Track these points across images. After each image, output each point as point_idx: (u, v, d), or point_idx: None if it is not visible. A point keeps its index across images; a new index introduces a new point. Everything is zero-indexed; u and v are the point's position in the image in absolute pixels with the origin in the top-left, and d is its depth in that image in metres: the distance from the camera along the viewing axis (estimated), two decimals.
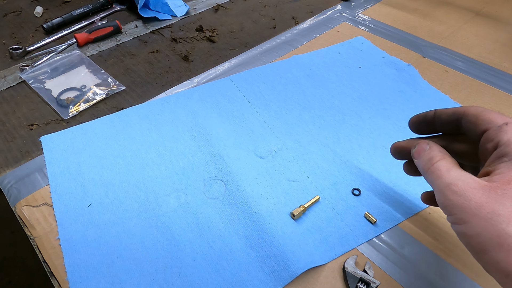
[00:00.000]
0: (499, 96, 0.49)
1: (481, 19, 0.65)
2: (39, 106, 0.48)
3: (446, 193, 0.25)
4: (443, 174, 0.26)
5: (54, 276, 0.32)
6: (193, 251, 0.33)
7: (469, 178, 0.25)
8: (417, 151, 0.30)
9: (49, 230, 0.35)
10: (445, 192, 0.25)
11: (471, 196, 0.24)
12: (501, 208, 0.22)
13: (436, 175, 0.26)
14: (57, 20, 0.61)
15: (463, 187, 0.24)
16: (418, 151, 0.30)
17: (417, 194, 0.37)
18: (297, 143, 0.43)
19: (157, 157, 0.41)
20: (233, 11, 0.69)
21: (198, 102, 0.48)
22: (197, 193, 0.38)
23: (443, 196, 0.25)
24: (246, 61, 0.56)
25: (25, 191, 0.38)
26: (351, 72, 0.53)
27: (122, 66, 0.55)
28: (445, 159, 0.27)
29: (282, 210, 0.36)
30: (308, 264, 0.32)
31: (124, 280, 0.31)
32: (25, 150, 0.42)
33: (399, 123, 0.45)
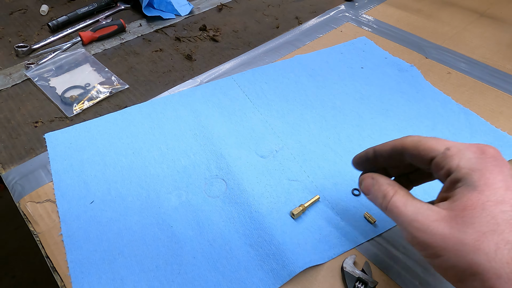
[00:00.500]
0: (502, 98, 0.49)
1: (486, 20, 0.65)
2: (43, 104, 0.49)
3: (410, 230, 0.25)
4: (401, 211, 0.26)
5: (56, 271, 0.32)
6: (193, 249, 0.33)
7: (428, 210, 0.25)
8: (366, 187, 0.30)
9: (52, 226, 0.35)
10: (409, 230, 0.25)
11: (434, 230, 0.24)
12: (465, 237, 0.23)
13: (396, 213, 0.26)
14: (62, 19, 0.62)
15: (425, 221, 0.24)
16: (366, 187, 0.29)
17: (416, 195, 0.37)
18: (298, 143, 0.43)
19: (159, 155, 0.41)
20: (236, 11, 0.69)
21: (201, 101, 0.48)
22: (198, 192, 0.38)
23: (409, 235, 0.25)
24: (249, 60, 0.56)
25: (29, 188, 0.38)
26: (354, 72, 0.53)
27: (126, 65, 0.56)
28: (397, 193, 0.27)
29: (282, 209, 0.36)
30: (307, 263, 0.32)
31: (125, 276, 0.32)
32: (30, 147, 0.43)
33: (400, 124, 0.45)
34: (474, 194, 0.23)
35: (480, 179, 0.24)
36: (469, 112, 0.47)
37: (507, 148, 0.42)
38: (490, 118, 0.46)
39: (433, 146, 0.26)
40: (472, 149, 0.25)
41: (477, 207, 0.23)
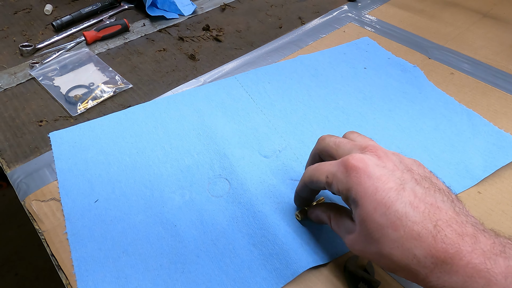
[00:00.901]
0: (505, 99, 0.49)
1: (489, 20, 0.65)
2: (48, 103, 0.49)
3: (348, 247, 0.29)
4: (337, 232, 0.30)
5: (61, 269, 0.32)
6: (197, 248, 0.34)
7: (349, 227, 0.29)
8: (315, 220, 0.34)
9: (57, 225, 0.35)
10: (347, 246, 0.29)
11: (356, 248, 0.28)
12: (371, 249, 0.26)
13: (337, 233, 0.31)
14: (66, 18, 0.62)
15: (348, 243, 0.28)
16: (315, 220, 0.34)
17: None
18: (301, 143, 0.43)
19: (163, 154, 0.42)
20: (239, 11, 0.69)
21: (204, 100, 0.48)
22: (202, 191, 0.38)
23: None
24: (252, 60, 0.56)
25: (34, 186, 0.39)
26: (356, 72, 0.53)
27: (129, 64, 0.56)
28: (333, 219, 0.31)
29: (285, 209, 0.36)
30: (310, 263, 0.32)
31: (129, 275, 0.32)
32: (34, 146, 0.43)
33: (403, 125, 0.45)
34: (359, 209, 0.26)
35: (356, 195, 0.26)
36: (472, 112, 0.47)
37: (510, 149, 0.42)
38: (493, 119, 0.46)
39: (318, 178, 0.29)
40: (340, 168, 0.28)
41: (366, 219, 0.26)
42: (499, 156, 0.41)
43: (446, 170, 0.40)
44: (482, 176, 0.39)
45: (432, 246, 0.23)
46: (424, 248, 0.23)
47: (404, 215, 0.24)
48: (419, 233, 0.23)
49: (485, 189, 0.39)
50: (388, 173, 0.26)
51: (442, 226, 0.23)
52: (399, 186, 0.25)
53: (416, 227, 0.24)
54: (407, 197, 0.25)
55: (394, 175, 0.26)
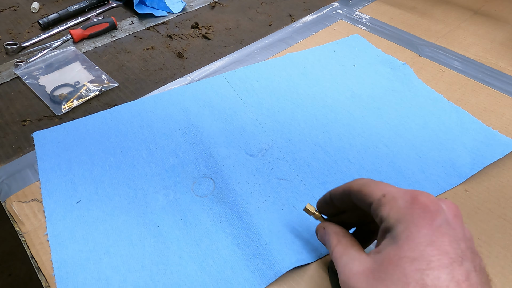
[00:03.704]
0: (494, 96, 0.49)
1: (479, 17, 0.65)
2: (32, 102, 0.48)
3: (340, 280, 0.25)
4: (337, 262, 0.26)
5: (41, 271, 0.32)
6: (180, 249, 0.33)
7: (357, 260, 0.24)
8: (320, 238, 0.30)
9: (37, 226, 0.35)
10: (340, 279, 0.25)
11: (352, 284, 0.23)
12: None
13: (335, 263, 0.26)
14: (53, 16, 0.61)
15: (348, 274, 0.24)
16: (321, 238, 0.30)
17: None
18: (288, 142, 0.43)
19: (148, 154, 0.41)
20: (229, 8, 0.68)
21: (191, 99, 0.48)
22: (186, 191, 0.38)
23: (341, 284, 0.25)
24: (241, 58, 0.56)
25: (15, 187, 0.38)
26: (346, 70, 0.53)
27: (116, 63, 0.55)
28: (339, 244, 0.27)
29: (270, 209, 0.36)
30: (293, 263, 0.32)
31: (110, 276, 0.31)
32: (17, 146, 0.43)
33: (391, 123, 0.45)
34: (394, 247, 0.22)
35: (403, 232, 0.22)
36: (461, 110, 0.46)
37: (498, 147, 0.41)
38: (481, 116, 0.46)
39: (372, 192, 0.26)
40: (405, 197, 0.24)
41: (393, 262, 0.22)
42: (487, 154, 0.41)
43: (434, 168, 0.40)
44: (469, 174, 0.39)
45: None
46: None
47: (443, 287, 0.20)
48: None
49: (472, 187, 0.38)
50: (454, 237, 0.22)
51: None
52: (457, 258, 0.21)
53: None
54: (459, 273, 0.21)
55: (458, 244, 0.22)
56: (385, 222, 0.24)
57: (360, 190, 0.26)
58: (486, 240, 0.34)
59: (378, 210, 0.25)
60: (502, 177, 0.39)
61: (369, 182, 0.27)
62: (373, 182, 0.27)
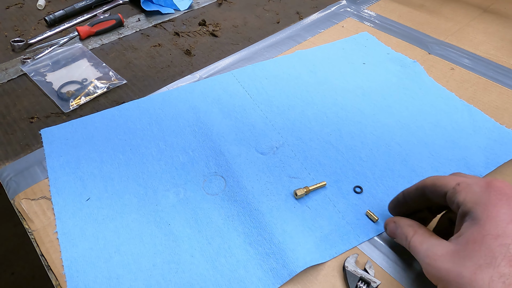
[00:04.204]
0: (506, 94, 0.48)
1: (489, 15, 0.64)
2: (39, 99, 0.48)
3: (424, 266, 0.26)
4: (418, 250, 0.28)
5: (51, 269, 0.31)
6: (191, 247, 0.33)
7: (439, 245, 0.26)
8: (390, 231, 0.31)
9: (47, 224, 0.34)
10: (423, 266, 0.27)
11: (440, 265, 0.25)
12: (463, 270, 0.24)
13: (414, 252, 0.28)
14: (59, 13, 0.61)
15: (433, 257, 0.26)
16: (391, 231, 0.31)
17: None
18: (299, 140, 0.42)
19: (157, 152, 0.41)
20: (236, 5, 0.68)
21: (200, 97, 0.47)
22: (197, 189, 0.37)
23: (424, 270, 0.26)
24: (249, 56, 0.55)
25: (24, 184, 0.38)
26: (355, 68, 0.52)
27: (123, 60, 0.55)
28: (417, 233, 0.29)
29: (282, 207, 0.35)
30: (307, 263, 0.31)
31: (121, 275, 0.31)
32: (25, 143, 0.42)
33: (403, 121, 0.44)
34: (476, 228, 0.24)
35: (483, 213, 0.24)
36: (473, 108, 0.46)
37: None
38: (494, 115, 0.45)
39: (446, 182, 0.28)
40: (480, 183, 0.26)
41: (477, 240, 0.24)
42: (501, 153, 0.40)
43: (447, 167, 0.39)
44: (484, 173, 0.38)
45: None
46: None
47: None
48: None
49: None
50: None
51: None
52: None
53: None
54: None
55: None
56: (462, 206, 0.26)
57: (434, 183, 0.29)
58: None
59: (454, 197, 0.27)
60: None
61: (441, 176, 0.29)
62: (445, 176, 0.29)
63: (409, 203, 0.32)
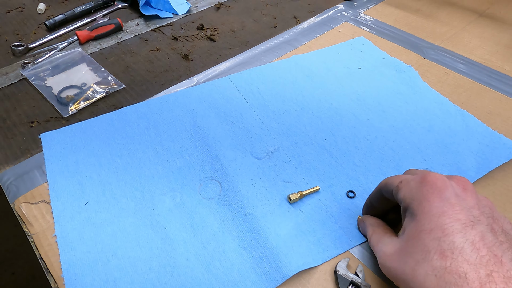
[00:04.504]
0: (500, 100, 0.49)
1: (485, 20, 0.65)
2: (39, 104, 0.49)
3: (380, 265, 0.28)
4: (374, 249, 0.29)
5: (50, 272, 0.32)
6: (187, 251, 0.33)
7: (389, 244, 0.27)
8: (362, 229, 0.34)
9: (46, 227, 0.35)
10: (379, 263, 0.28)
11: (389, 264, 0.26)
12: (405, 267, 0.25)
13: (373, 251, 0.30)
14: (59, 17, 0.62)
15: (384, 256, 0.27)
16: (362, 229, 0.34)
17: None
18: (294, 144, 0.43)
19: (154, 156, 0.41)
20: (234, 10, 0.69)
21: (197, 101, 0.48)
22: (193, 193, 0.38)
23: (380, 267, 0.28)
24: (246, 60, 0.56)
25: (23, 188, 0.38)
26: (351, 73, 0.53)
27: (122, 64, 0.55)
28: (375, 233, 0.30)
29: (276, 212, 0.36)
30: (300, 266, 0.32)
31: (118, 278, 0.32)
32: (25, 147, 0.43)
33: (396, 126, 0.45)
34: (413, 224, 0.25)
35: (418, 208, 0.25)
36: (466, 113, 0.46)
37: (504, 151, 0.42)
38: (487, 120, 0.46)
39: (392, 182, 0.29)
40: (416, 179, 0.27)
41: (415, 236, 0.25)
42: (492, 158, 0.41)
43: (439, 172, 0.39)
44: (475, 178, 0.39)
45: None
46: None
47: (459, 250, 0.22)
48: (466, 273, 0.22)
49: (477, 191, 0.38)
50: (464, 206, 0.25)
51: (496, 279, 0.21)
52: (469, 222, 0.24)
53: (466, 266, 0.22)
54: (472, 235, 0.23)
55: (470, 211, 0.24)
56: (402, 203, 0.27)
57: (385, 183, 0.30)
58: None
59: (397, 195, 0.28)
60: (508, 181, 0.39)
61: (392, 176, 0.30)
62: (395, 175, 0.30)
63: (375, 205, 0.33)
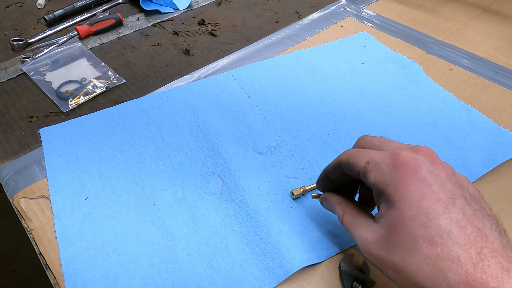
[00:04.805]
0: (505, 95, 0.48)
1: (489, 15, 0.64)
2: (39, 99, 0.48)
3: (360, 250, 0.28)
4: (351, 232, 0.28)
5: (49, 268, 0.32)
6: (188, 247, 0.33)
7: (368, 229, 0.26)
8: (327, 208, 0.32)
9: (45, 223, 0.35)
10: (360, 249, 0.27)
11: (373, 252, 0.25)
12: (394, 257, 0.24)
13: (349, 233, 0.28)
14: (58, 12, 0.61)
15: (365, 243, 0.26)
16: (327, 208, 0.32)
17: None
18: (297, 140, 0.42)
19: (155, 151, 0.41)
20: (236, 5, 0.68)
21: (198, 96, 0.47)
22: (194, 189, 0.37)
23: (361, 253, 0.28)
24: (247, 55, 0.55)
25: (23, 183, 0.38)
26: (354, 68, 0.52)
27: (122, 59, 0.55)
28: (346, 213, 0.29)
29: (279, 207, 0.36)
30: (304, 262, 0.31)
31: (119, 274, 0.31)
32: (24, 142, 0.42)
33: (400, 121, 0.45)
34: (393, 211, 0.24)
35: (395, 194, 0.24)
36: (471, 109, 0.46)
37: (510, 146, 0.41)
38: (492, 115, 0.45)
39: (357, 161, 0.27)
40: (387, 160, 0.25)
41: (399, 225, 0.24)
42: (498, 153, 0.40)
43: None
44: (481, 173, 0.38)
45: (470, 274, 0.21)
46: (460, 274, 0.21)
47: (446, 233, 0.22)
48: (458, 256, 0.21)
49: (483, 186, 0.38)
50: (439, 182, 0.24)
51: (487, 255, 0.21)
52: (449, 200, 0.23)
53: (457, 249, 0.21)
54: (455, 214, 0.22)
55: (446, 187, 0.23)
56: (375, 188, 0.25)
57: (347, 161, 0.28)
58: None
59: (365, 177, 0.26)
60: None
61: (354, 151, 0.28)
62: (357, 151, 0.28)
63: (332, 179, 0.31)
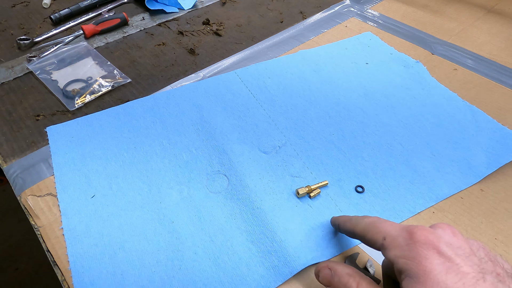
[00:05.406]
0: (509, 95, 0.48)
1: (493, 16, 0.64)
2: (45, 97, 0.48)
3: None
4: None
5: (57, 265, 0.32)
6: (194, 245, 0.33)
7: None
8: (324, 279, 0.28)
9: (53, 220, 0.35)
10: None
11: None
12: None
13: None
14: (64, 12, 0.62)
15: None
16: (325, 279, 0.28)
17: (421, 193, 0.37)
18: (302, 139, 0.42)
19: (161, 150, 0.41)
20: (240, 5, 0.68)
21: (203, 95, 0.48)
22: (200, 187, 0.38)
23: None
24: (252, 55, 0.55)
25: (30, 181, 0.38)
26: (358, 68, 0.52)
27: (128, 59, 0.55)
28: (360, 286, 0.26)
29: (284, 206, 0.36)
30: (309, 261, 0.31)
31: (126, 271, 0.31)
32: (31, 141, 0.43)
33: (405, 121, 0.45)
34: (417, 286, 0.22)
35: (418, 269, 0.23)
36: (476, 109, 0.46)
37: None
38: (497, 115, 0.45)
39: (375, 238, 0.26)
40: (403, 234, 0.24)
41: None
42: (503, 153, 0.40)
43: (449, 167, 0.39)
44: (485, 173, 0.39)
45: None
46: None
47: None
48: None
49: (488, 186, 0.38)
50: (464, 255, 0.23)
51: None
52: (478, 275, 0.21)
53: None
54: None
55: (471, 260, 0.22)
56: (395, 264, 0.24)
57: (364, 236, 0.27)
58: (503, 240, 0.33)
59: (385, 255, 0.25)
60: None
61: (368, 226, 0.27)
62: (371, 225, 0.27)
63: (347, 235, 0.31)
